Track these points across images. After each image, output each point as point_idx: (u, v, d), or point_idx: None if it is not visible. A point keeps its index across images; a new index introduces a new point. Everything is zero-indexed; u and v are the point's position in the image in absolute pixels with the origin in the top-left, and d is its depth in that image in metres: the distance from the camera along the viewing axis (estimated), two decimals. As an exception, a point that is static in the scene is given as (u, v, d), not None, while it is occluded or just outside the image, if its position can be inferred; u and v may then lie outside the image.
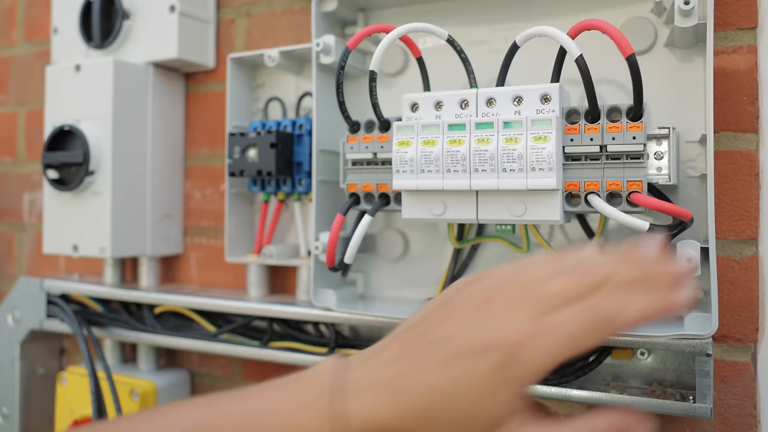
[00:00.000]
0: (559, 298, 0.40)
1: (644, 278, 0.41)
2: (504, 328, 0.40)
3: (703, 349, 0.59)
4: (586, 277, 0.41)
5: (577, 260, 0.44)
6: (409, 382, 0.40)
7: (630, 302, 0.40)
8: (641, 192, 0.58)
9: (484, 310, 0.42)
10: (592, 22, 0.57)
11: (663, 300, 0.41)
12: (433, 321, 0.44)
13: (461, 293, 0.45)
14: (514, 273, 0.44)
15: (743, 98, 0.67)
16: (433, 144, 0.62)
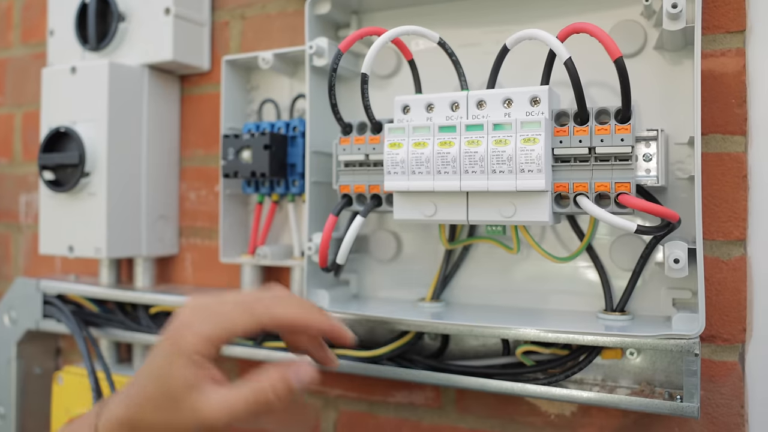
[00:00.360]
0: (225, 300, 0.55)
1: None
2: (175, 321, 0.54)
3: (691, 349, 0.60)
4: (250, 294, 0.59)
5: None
6: (132, 381, 0.55)
7: (278, 304, 0.56)
8: (629, 193, 0.59)
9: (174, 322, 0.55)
10: (581, 26, 0.58)
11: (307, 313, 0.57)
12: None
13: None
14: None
15: (731, 101, 0.67)
16: (423, 146, 0.63)
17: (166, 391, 0.51)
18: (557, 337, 0.64)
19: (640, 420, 0.71)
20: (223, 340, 0.53)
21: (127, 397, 0.54)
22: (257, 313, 0.54)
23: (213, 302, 0.55)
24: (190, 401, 0.51)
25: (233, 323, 0.53)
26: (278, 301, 0.56)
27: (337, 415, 0.88)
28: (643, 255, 0.67)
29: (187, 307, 0.55)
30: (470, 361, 0.74)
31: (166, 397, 0.51)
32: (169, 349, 0.52)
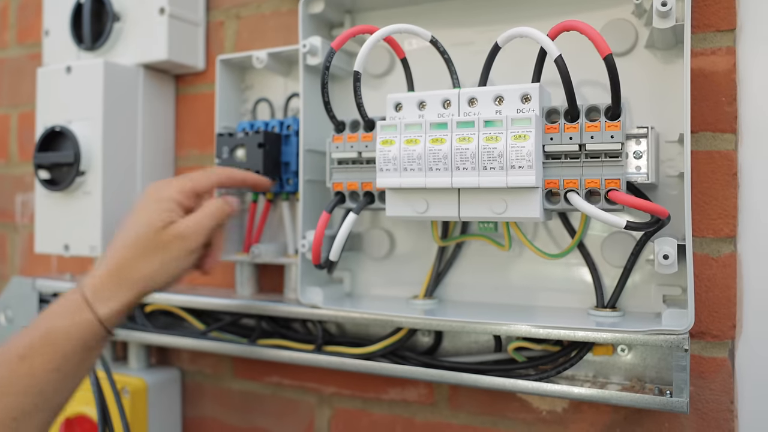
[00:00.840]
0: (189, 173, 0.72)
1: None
2: (151, 186, 0.69)
3: (680, 344, 0.60)
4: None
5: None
6: (111, 243, 0.66)
7: (233, 171, 0.75)
8: (619, 190, 0.59)
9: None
10: (571, 23, 0.58)
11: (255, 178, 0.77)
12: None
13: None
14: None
15: (722, 99, 0.68)
16: (415, 143, 0.64)
17: (148, 225, 0.65)
18: (549, 333, 0.65)
19: (631, 416, 0.71)
20: (192, 192, 0.68)
21: (108, 257, 0.65)
22: (215, 173, 0.72)
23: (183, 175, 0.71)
24: (169, 229, 0.65)
25: (199, 179, 0.70)
26: (226, 168, 0.76)
27: (331, 412, 0.88)
28: (634, 252, 0.67)
29: (157, 182, 0.69)
30: (463, 358, 0.75)
31: (149, 230, 0.64)
32: (148, 200, 0.67)
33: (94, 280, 0.63)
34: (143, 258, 0.64)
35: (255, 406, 0.94)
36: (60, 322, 0.61)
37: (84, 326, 0.61)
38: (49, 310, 0.62)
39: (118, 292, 0.63)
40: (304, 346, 0.81)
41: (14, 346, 0.60)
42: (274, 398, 0.93)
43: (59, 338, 0.60)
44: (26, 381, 0.59)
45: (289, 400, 0.91)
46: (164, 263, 0.65)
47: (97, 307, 0.62)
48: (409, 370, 0.73)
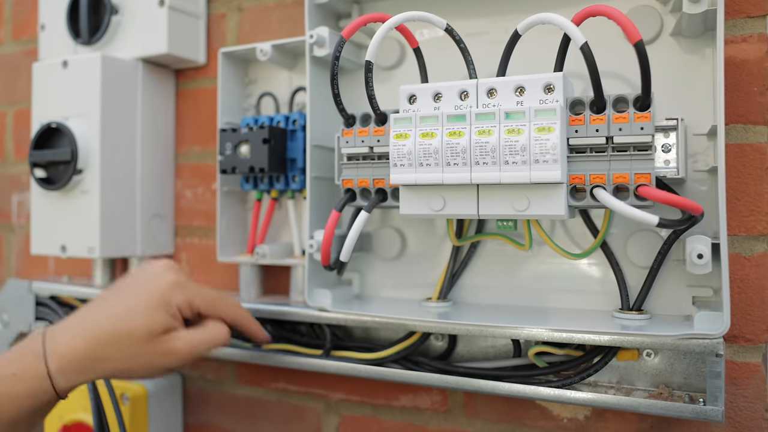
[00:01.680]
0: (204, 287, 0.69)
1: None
2: (165, 276, 0.65)
3: (714, 350, 0.57)
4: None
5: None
6: (97, 315, 0.62)
7: (240, 310, 0.71)
8: (649, 185, 0.56)
9: (150, 273, 0.66)
10: (598, 8, 0.55)
11: (256, 327, 0.73)
12: (117, 285, 0.67)
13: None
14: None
15: (753, 89, 0.64)
16: (432, 136, 0.60)
17: (147, 329, 0.61)
18: (572, 338, 0.61)
19: (657, 424, 0.68)
20: (198, 311, 0.66)
21: (89, 332, 0.61)
22: (227, 312, 0.68)
23: (195, 282, 0.68)
24: (164, 340, 0.62)
25: (214, 308, 0.67)
26: (240, 308, 0.71)
27: (339, 420, 0.84)
28: (662, 251, 0.63)
29: (175, 274, 0.65)
30: (479, 363, 0.71)
31: (146, 334, 0.61)
32: (157, 299, 0.62)
33: (62, 354, 0.60)
34: (124, 357, 0.61)
35: (259, 413, 0.91)
36: (15, 389, 0.59)
37: (39, 397, 0.59)
38: (7, 368, 0.59)
39: (85, 374, 0.61)
40: (311, 350, 0.78)
41: None
42: (280, 405, 0.89)
43: (12, 405, 0.58)
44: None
45: (295, 406, 0.88)
46: (141, 369, 0.62)
47: (58, 382, 0.60)
48: (422, 377, 0.69)
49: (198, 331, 0.65)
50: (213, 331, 0.65)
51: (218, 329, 0.66)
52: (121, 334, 0.61)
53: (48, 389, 0.59)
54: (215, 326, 0.66)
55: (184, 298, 0.64)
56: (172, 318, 0.63)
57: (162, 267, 0.66)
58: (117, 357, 0.61)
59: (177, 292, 0.64)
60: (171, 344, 0.62)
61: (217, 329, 0.66)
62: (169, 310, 0.62)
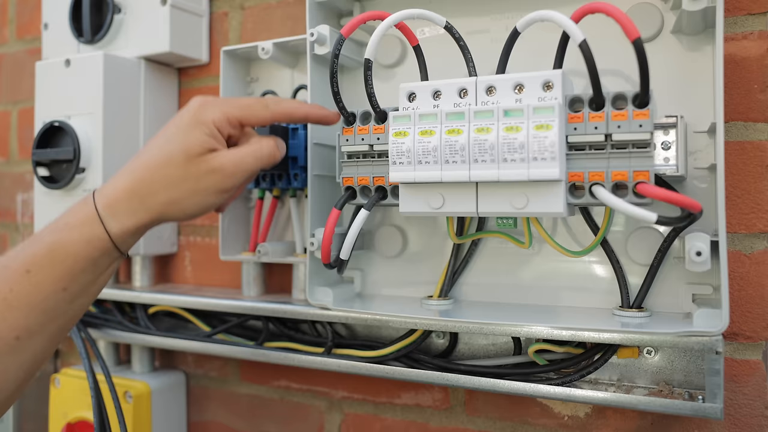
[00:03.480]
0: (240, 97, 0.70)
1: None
2: (194, 102, 0.61)
3: (713, 347, 0.57)
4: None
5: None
6: (136, 157, 0.61)
7: (288, 100, 0.66)
8: (648, 182, 0.56)
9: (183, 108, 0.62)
10: (597, 5, 0.55)
11: (316, 107, 0.67)
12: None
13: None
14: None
15: (754, 86, 0.64)
16: (430, 134, 0.60)
17: (184, 151, 0.58)
18: (572, 335, 0.61)
19: (658, 422, 0.68)
20: (239, 122, 0.61)
21: (130, 171, 0.59)
22: (271, 107, 0.63)
23: (229, 97, 0.66)
24: (206, 159, 0.58)
25: (251, 110, 0.62)
26: (282, 99, 0.66)
27: (341, 418, 0.85)
28: (662, 248, 0.63)
29: (202, 97, 0.62)
30: (480, 361, 0.71)
31: (184, 156, 0.58)
32: (189, 120, 0.59)
33: (109, 194, 0.58)
34: (170, 184, 0.58)
35: (262, 410, 0.91)
36: (67, 236, 0.56)
37: (93, 243, 0.56)
38: (58, 221, 0.57)
39: (135, 212, 0.58)
40: (313, 348, 0.78)
41: (19, 257, 0.55)
42: (282, 403, 0.89)
43: (66, 254, 0.55)
44: (32, 297, 0.54)
45: (298, 404, 0.88)
46: (191, 195, 0.59)
47: (109, 224, 0.57)
48: (423, 374, 0.69)
49: (241, 147, 0.61)
50: (257, 144, 0.62)
51: (263, 142, 0.62)
52: (160, 162, 0.58)
53: (102, 234, 0.56)
54: (260, 140, 0.62)
55: (219, 114, 0.60)
56: (211, 137, 0.59)
57: (192, 99, 0.63)
58: (162, 186, 0.58)
59: (209, 109, 0.60)
60: (213, 162, 0.58)
61: (262, 142, 0.62)
62: (206, 130, 0.59)
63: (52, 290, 0.55)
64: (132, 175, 0.59)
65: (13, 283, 0.54)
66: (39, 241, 0.56)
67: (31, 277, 0.54)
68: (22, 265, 0.55)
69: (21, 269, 0.54)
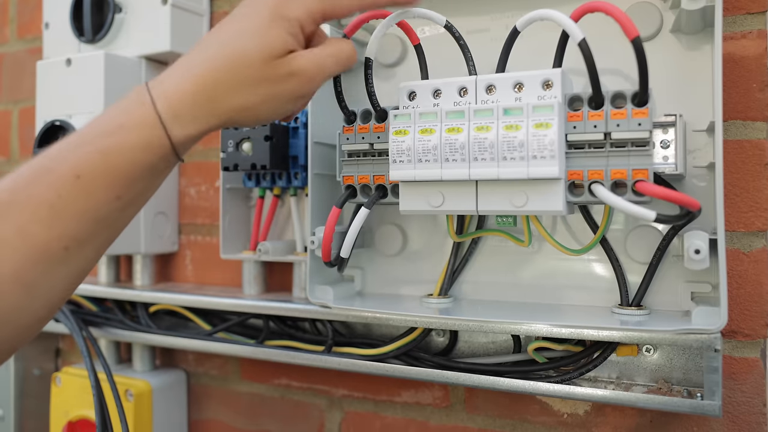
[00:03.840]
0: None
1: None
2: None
3: (712, 345, 0.57)
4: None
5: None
6: (201, 50, 0.53)
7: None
8: (647, 180, 0.56)
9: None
10: (596, 4, 0.55)
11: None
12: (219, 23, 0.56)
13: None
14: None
15: (753, 85, 0.65)
16: (430, 132, 0.60)
17: (263, 51, 0.52)
18: (571, 333, 0.61)
19: (657, 419, 0.68)
20: (324, 17, 0.55)
21: (197, 68, 0.52)
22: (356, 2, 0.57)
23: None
24: (285, 61, 0.53)
25: (336, 2, 0.56)
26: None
27: (342, 416, 0.85)
28: (661, 247, 0.64)
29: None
30: (480, 359, 0.72)
31: (261, 56, 0.52)
32: (269, 14, 0.52)
33: (171, 96, 0.51)
34: (243, 87, 0.52)
35: (263, 409, 0.91)
36: (123, 140, 0.49)
37: (153, 149, 0.50)
38: (109, 120, 0.51)
39: (202, 117, 0.52)
40: (314, 347, 0.78)
41: (67, 160, 0.49)
42: (283, 401, 0.90)
43: (124, 161, 0.49)
44: (82, 205, 0.49)
45: (298, 402, 0.88)
46: (266, 100, 0.53)
47: (172, 130, 0.51)
48: (423, 372, 0.70)
49: (321, 47, 0.55)
50: (337, 46, 0.56)
51: (343, 43, 0.57)
52: (233, 60, 0.52)
53: (163, 140, 0.50)
54: (338, 41, 0.57)
55: (303, 10, 0.53)
56: (292, 37, 0.53)
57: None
58: (234, 89, 0.52)
59: (293, 4, 0.53)
60: (294, 64, 0.53)
61: (341, 43, 0.57)
62: (288, 28, 0.53)
63: (105, 198, 0.50)
64: (199, 72, 0.52)
65: (60, 188, 0.49)
66: (88, 143, 0.50)
67: (82, 183, 0.49)
68: (71, 169, 0.49)
69: (70, 174, 0.49)
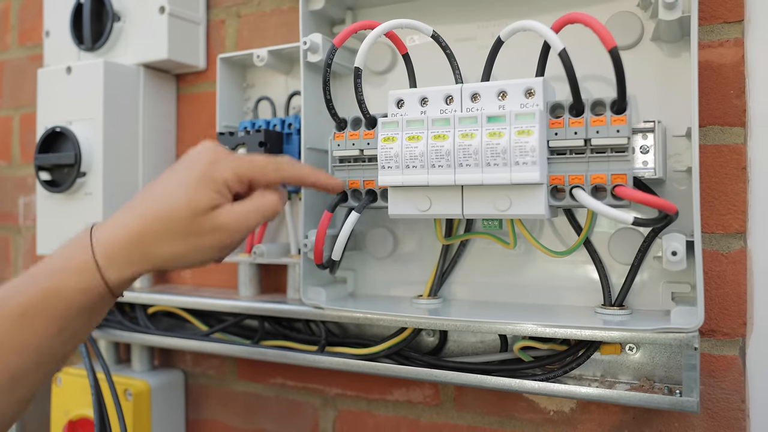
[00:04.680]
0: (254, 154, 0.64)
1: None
2: (206, 154, 0.59)
3: (690, 343, 0.59)
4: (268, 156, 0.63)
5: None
6: (137, 203, 0.58)
7: (299, 164, 0.64)
8: (625, 185, 0.58)
9: (192, 154, 0.60)
10: (575, 16, 0.57)
11: (325, 175, 0.66)
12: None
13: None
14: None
15: (730, 92, 0.67)
16: (417, 139, 0.62)
17: (190, 207, 0.56)
18: (555, 332, 0.63)
19: (640, 416, 0.70)
20: (249, 181, 0.60)
21: (131, 219, 0.56)
22: (283, 170, 0.62)
23: (242, 153, 0.64)
24: (210, 217, 0.57)
25: (264, 170, 0.60)
26: (295, 163, 0.64)
27: (335, 414, 0.87)
28: (642, 248, 0.66)
29: (214, 147, 0.60)
30: (468, 358, 0.74)
31: (189, 212, 0.56)
32: (198, 175, 0.57)
33: (107, 243, 0.55)
34: (171, 239, 0.56)
35: (259, 408, 0.93)
36: (64, 282, 0.54)
37: (90, 291, 0.55)
38: (53, 263, 0.55)
39: (134, 262, 0.56)
40: (308, 347, 0.80)
41: (13, 299, 0.53)
42: (278, 400, 0.92)
43: (62, 300, 0.54)
44: (26, 340, 0.53)
45: (293, 401, 0.90)
46: (192, 251, 0.57)
47: (107, 274, 0.55)
48: (413, 371, 0.72)
49: (245, 202, 0.59)
50: (262, 200, 0.60)
51: (267, 197, 0.60)
52: (163, 214, 0.56)
53: (99, 283, 0.55)
54: (264, 195, 0.60)
55: (231, 172, 0.58)
56: (218, 194, 0.57)
57: (203, 146, 0.61)
58: (163, 239, 0.56)
59: (221, 167, 0.58)
60: (218, 220, 0.57)
61: (266, 197, 0.60)
62: (214, 187, 0.57)
63: (47, 334, 0.54)
64: (133, 224, 0.57)
65: (7, 326, 0.53)
66: (34, 283, 0.54)
67: (26, 321, 0.53)
68: (16, 307, 0.53)
69: (16, 312, 0.53)
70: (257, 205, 0.59)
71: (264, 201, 0.60)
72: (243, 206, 0.59)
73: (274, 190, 0.62)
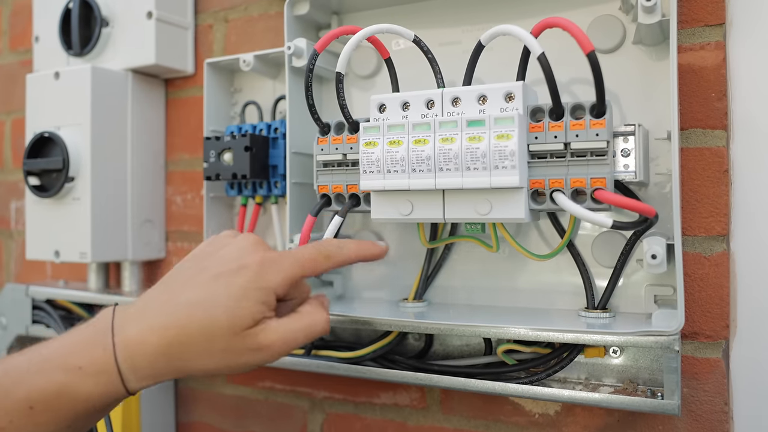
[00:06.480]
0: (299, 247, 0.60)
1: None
2: (252, 255, 0.54)
3: (671, 345, 0.59)
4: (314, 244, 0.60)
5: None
6: (171, 303, 0.52)
7: (345, 245, 0.61)
8: (605, 189, 0.58)
9: (234, 251, 0.56)
10: (553, 20, 0.57)
11: (368, 245, 0.64)
12: (192, 262, 0.57)
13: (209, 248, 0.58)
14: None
15: (711, 95, 0.67)
16: (398, 144, 0.63)
17: (231, 323, 0.51)
18: (538, 335, 0.63)
19: (624, 418, 0.70)
20: (301, 279, 0.57)
21: (162, 325, 0.51)
22: (333, 258, 0.59)
23: (287, 250, 0.61)
24: (253, 333, 0.52)
25: (314, 265, 0.57)
26: (340, 243, 0.62)
27: (323, 417, 0.87)
28: (624, 251, 0.66)
29: (258, 245, 0.57)
30: (452, 361, 0.74)
31: (229, 329, 0.51)
32: (245, 283, 0.52)
33: (133, 348, 0.51)
34: (206, 355, 0.51)
35: (248, 411, 0.93)
36: (81, 383, 0.50)
37: (109, 395, 0.51)
38: (70, 358, 0.51)
39: (159, 372, 0.52)
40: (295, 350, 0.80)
41: (21, 389, 0.50)
42: (267, 403, 0.92)
43: (76, 401, 0.50)
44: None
45: (282, 404, 0.91)
46: (225, 367, 0.53)
47: (129, 381, 0.51)
48: (398, 375, 0.72)
49: (293, 319, 0.55)
50: (310, 319, 0.56)
51: (317, 317, 0.56)
52: (200, 328, 0.51)
53: (118, 387, 0.51)
54: (313, 313, 0.56)
55: (282, 279, 0.54)
56: (264, 305, 0.52)
57: (245, 240, 0.57)
58: (197, 354, 0.51)
59: (271, 272, 0.53)
60: (262, 338, 0.52)
61: (315, 317, 0.56)
62: (261, 297, 0.52)
63: (54, 429, 0.51)
64: (163, 333, 0.51)
65: (13, 415, 0.50)
66: (47, 371, 0.51)
67: (34, 415, 0.50)
68: (25, 398, 0.50)
69: (23, 403, 0.50)
70: (307, 324, 0.55)
71: (314, 320, 0.56)
72: (291, 325, 0.54)
73: (324, 306, 0.59)
